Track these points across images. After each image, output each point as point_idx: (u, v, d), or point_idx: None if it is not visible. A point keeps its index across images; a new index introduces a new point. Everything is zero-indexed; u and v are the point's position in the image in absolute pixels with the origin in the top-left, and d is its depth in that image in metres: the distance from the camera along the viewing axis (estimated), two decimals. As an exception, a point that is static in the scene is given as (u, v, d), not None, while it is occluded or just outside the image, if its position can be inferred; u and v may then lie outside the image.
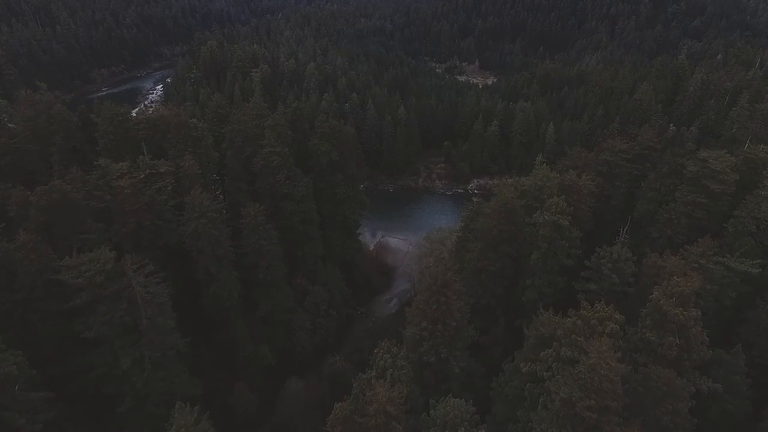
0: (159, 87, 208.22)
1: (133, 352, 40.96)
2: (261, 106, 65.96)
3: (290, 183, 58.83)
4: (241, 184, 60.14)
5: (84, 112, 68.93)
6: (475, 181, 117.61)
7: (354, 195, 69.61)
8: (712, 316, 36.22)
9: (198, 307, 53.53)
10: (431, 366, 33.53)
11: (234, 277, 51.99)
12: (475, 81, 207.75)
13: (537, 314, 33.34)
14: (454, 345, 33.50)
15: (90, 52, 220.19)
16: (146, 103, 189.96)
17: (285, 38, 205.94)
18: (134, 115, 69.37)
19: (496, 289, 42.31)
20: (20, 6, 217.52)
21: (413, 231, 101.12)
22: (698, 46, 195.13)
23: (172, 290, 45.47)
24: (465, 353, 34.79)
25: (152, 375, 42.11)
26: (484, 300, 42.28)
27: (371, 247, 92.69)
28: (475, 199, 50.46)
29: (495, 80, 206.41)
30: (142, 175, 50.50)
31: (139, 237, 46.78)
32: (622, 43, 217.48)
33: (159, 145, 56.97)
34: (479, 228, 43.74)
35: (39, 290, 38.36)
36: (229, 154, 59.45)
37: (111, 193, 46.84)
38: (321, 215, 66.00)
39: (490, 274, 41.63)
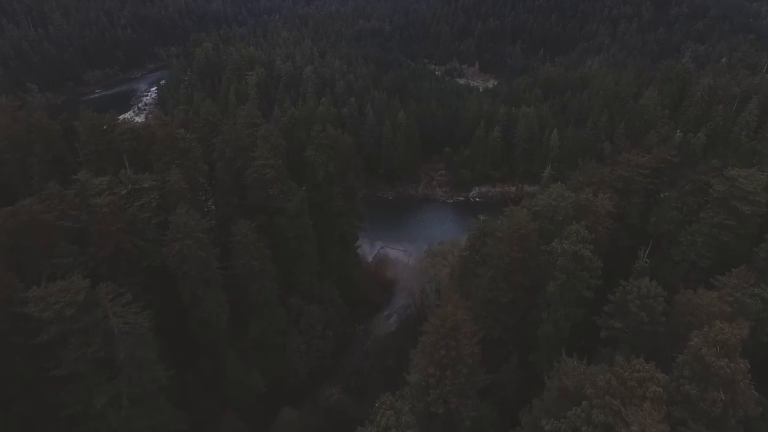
0: (154, 89, 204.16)
1: (109, 389, 37.32)
2: (254, 114, 62.26)
3: (284, 197, 55.23)
4: (232, 197, 56.53)
5: (67, 120, 65.32)
6: (477, 188, 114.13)
7: (352, 208, 66.04)
8: (745, 353, 32.67)
9: (184, 331, 49.87)
10: (439, 417, 30.05)
11: (223, 300, 48.38)
12: (475, 84, 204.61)
13: (559, 360, 29.91)
14: (465, 393, 30.04)
15: (83, 53, 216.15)
16: (140, 105, 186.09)
17: (282, 40, 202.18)
18: (123, 119, 65.53)
19: (508, 322, 38.86)
20: (12, 6, 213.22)
21: (413, 241, 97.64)
22: (702, 49, 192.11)
23: (156, 315, 41.91)
24: (476, 401, 31.33)
25: (131, 413, 38.43)
26: (495, 333, 38.81)
27: (370, 259, 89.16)
28: (481, 217, 47.02)
29: (495, 83, 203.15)
30: (124, 191, 46.91)
31: (118, 260, 43.08)
32: (624, 46, 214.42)
33: (144, 158, 53.30)
34: (489, 253, 40.24)
35: (3, 324, 34.67)
36: (219, 166, 55.87)
37: (88, 212, 43.13)
38: (317, 230, 62.42)
39: (501, 305, 38.17)
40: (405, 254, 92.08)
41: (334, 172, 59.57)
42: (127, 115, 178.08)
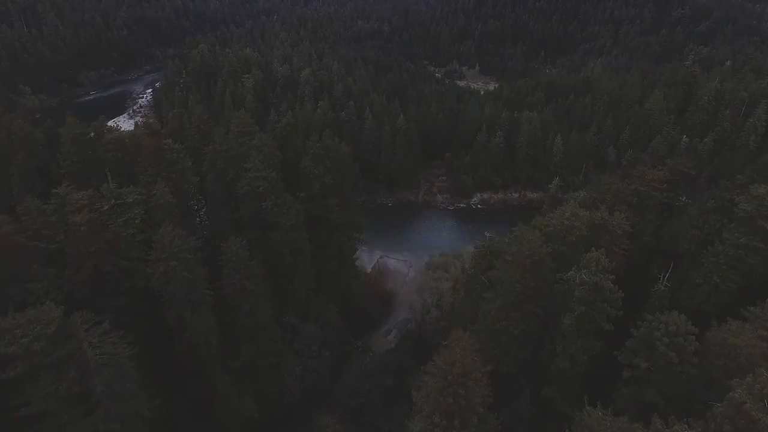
0: (150, 91, 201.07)
1: (85, 426, 34.27)
2: (247, 121, 59.30)
3: (278, 210, 52.21)
4: (224, 211, 53.52)
5: (51, 128, 62.32)
6: (479, 195, 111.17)
7: (350, 220, 63.04)
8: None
9: (170, 355, 46.82)
10: (445, 469, 27.19)
11: (212, 323, 45.37)
12: (475, 86, 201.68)
13: (583, 410, 26.94)
14: (475, 444, 27.16)
15: (78, 54, 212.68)
16: (135, 108, 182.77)
17: (280, 41, 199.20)
18: (111, 125, 62.53)
19: (520, 354, 35.91)
20: (5, 6, 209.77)
21: (413, 250, 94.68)
22: (705, 51, 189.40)
23: (139, 340, 39.02)
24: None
25: (110, 450, 35.40)
26: (505, 366, 35.86)
27: (369, 270, 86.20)
28: (487, 234, 44.02)
29: (496, 86, 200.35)
30: (106, 206, 43.87)
31: (97, 283, 40.04)
32: (627, 48, 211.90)
33: (130, 169, 50.34)
34: (498, 278, 37.25)
35: (-33, 357, 31.62)
36: (209, 178, 52.85)
37: (66, 231, 40.10)
38: (313, 243, 59.41)
39: (512, 336, 35.22)
40: (405, 265, 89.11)
41: (330, 184, 56.56)
42: (121, 118, 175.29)
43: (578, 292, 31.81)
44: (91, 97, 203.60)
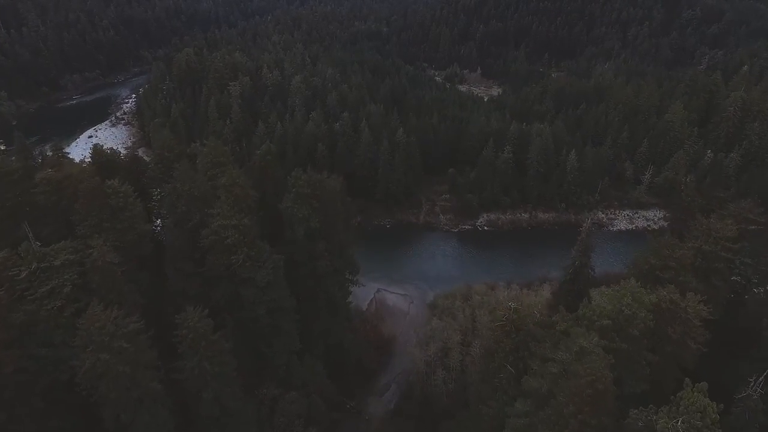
0: (135, 96, 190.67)
1: None
2: (219, 150, 49.66)
3: (252, 265, 42.63)
4: (185, 264, 43.80)
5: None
6: (485, 215, 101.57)
7: (342, 265, 53.50)
8: None
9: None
10: None
11: (164, 419, 35.75)
12: (478, 92, 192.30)
13: None
14: None
15: (60, 56, 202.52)
16: (118, 114, 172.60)
17: (272, 43, 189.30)
18: (52, 156, 52.74)
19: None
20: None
21: (414, 280, 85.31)
22: (720, 55, 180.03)
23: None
24: None
25: None
26: None
27: (365, 306, 76.75)
28: (511, 305, 34.26)
29: (500, 90, 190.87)
30: (24, 273, 34.28)
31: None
32: (636, 51, 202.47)
33: (66, 217, 40.69)
34: (535, 394, 27.62)
35: None
36: (167, 224, 43.21)
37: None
38: (298, 296, 49.95)
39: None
40: (405, 300, 79.67)
41: (317, 228, 46.93)
42: (103, 125, 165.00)
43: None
44: (74, 102, 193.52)
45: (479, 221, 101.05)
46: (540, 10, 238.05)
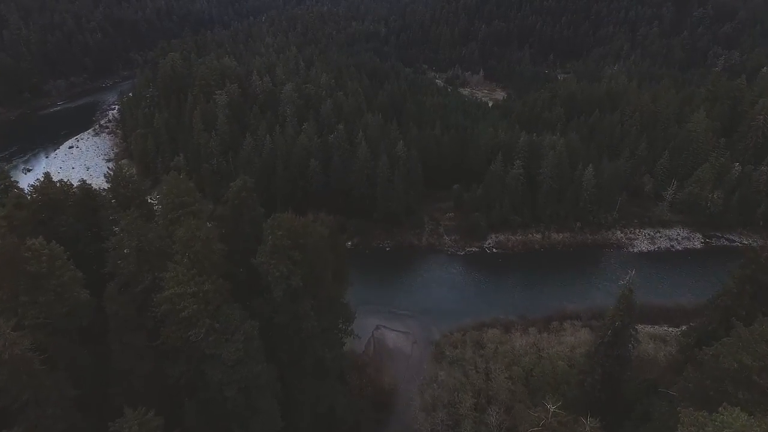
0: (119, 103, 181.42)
1: None
2: (185, 187, 40.97)
3: (216, 339, 34.00)
4: (134, 337, 35.16)
5: None
6: (493, 236, 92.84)
7: (332, 321, 44.89)
8: None
9: None
10: None
11: None
12: (481, 96, 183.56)
13: None
14: None
15: (44, 61, 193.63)
16: (102, 122, 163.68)
17: (265, 46, 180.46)
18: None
19: None
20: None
21: (417, 314, 76.64)
22: (736, 56, 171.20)
23: None
24: None
25: None
26: None
27: (363, 346, 68.20)
28: (550, 407, 25.71)
29: (504, 95, 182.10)
30: None
31: None
32: (647, 52, 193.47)
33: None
34: None
35: None
36: (110, 288, 34.45)
37: None
38: (279, 361, 41.43)
39: None
40: (407, 339, 71.12)
41: (300, 286, 38.21)
42: (86, 134, 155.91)
43: None
44: (58, 108, 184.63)
45: (487, 243, 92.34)
46: (544, 9, 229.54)
